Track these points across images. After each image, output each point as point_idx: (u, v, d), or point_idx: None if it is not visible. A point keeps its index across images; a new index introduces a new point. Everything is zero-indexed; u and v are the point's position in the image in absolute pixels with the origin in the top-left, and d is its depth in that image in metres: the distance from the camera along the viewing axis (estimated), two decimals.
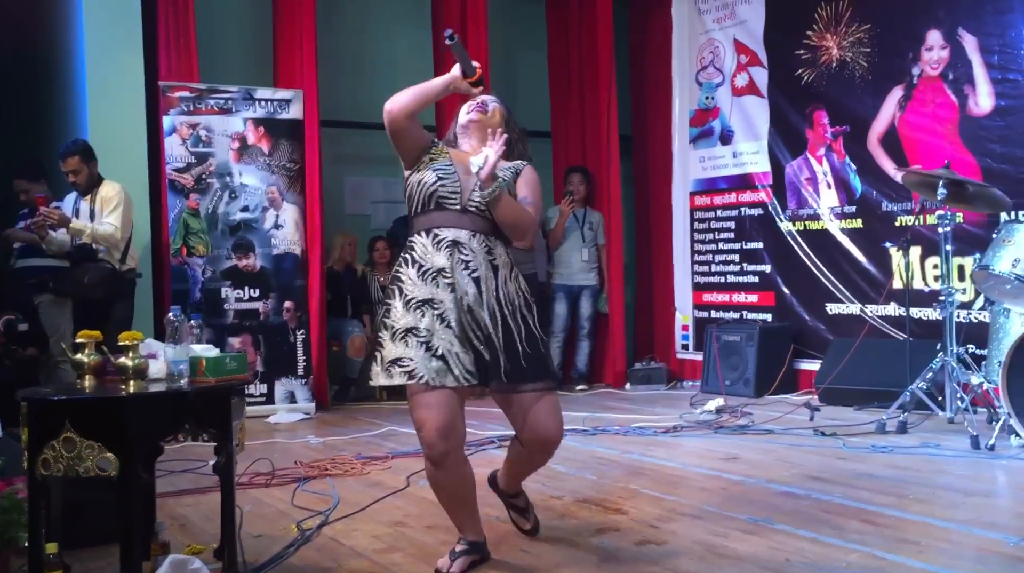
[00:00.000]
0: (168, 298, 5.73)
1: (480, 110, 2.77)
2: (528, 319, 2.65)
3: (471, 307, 2.56)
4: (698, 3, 7.29)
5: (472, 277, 2.57)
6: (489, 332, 2.57)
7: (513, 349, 2.59)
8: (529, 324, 2.65)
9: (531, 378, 2.62)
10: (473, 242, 2.61)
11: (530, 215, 2.68)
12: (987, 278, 4.42)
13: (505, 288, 2.63)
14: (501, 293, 2.61)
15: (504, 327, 2.59)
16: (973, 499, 3.40)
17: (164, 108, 5.86)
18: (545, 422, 2.67)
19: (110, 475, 2.29)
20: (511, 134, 2.73)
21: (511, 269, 2.67)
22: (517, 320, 2.62)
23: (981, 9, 5.41)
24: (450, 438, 2.53)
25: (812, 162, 6.47)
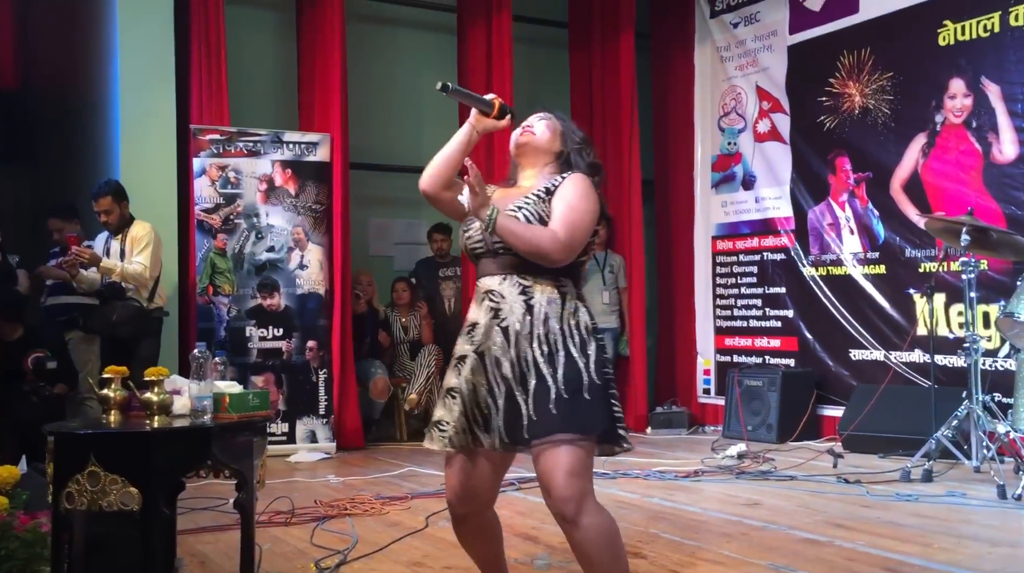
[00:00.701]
0: (194, 336, 5.79)
1: (527, 131, 2.47)
2: (575, 360, 2.25)
3: (498, 359, 2.29)
4: (720, 50, 7.37)
5: (500, 326, 2.30)
6: (511, 385, 2.26)
7: (543, 397, 2.22)
8: (575, 365, 2.25)
9: (551, 429, 2.20)
10: (504, 285, 2.32)
11: (543, 233, 2.26)
12: (1012, 325, 4.39)
13: (544, 327, 2.27)
14: (537, 332, 2.27)
15: (536, 372, 2.25)
16: (1000, 549, 3.35)
17: (195, 150, 5.99)
18: (547, 478, 2.21)
19: (133, 510, 2.32)
20: (566, 147, 2.45)
21: (561, 304, 2.30)
22: (556, 362, 2.25)
23: (1004, 58, 5.43)
24: (468, 503, 2.40)
25: (835, 208, 6.47)
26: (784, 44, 6.81)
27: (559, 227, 2.27)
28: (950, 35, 5.70)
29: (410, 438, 6.65)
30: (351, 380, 6.28)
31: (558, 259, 2.27)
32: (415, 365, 6.77)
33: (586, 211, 2.31)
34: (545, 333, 2.28)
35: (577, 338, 2.29)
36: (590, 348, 2.28)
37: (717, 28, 7.40)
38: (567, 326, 2.29)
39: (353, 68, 6.72)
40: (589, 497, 2.22)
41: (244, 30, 6.83)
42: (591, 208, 2.32)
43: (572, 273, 2.37)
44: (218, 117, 6.17)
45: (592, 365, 2.26)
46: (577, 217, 2.29)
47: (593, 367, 2.26)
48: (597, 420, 2.24)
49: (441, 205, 2.49)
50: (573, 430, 2.20)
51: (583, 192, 2.33)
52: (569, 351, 2.26)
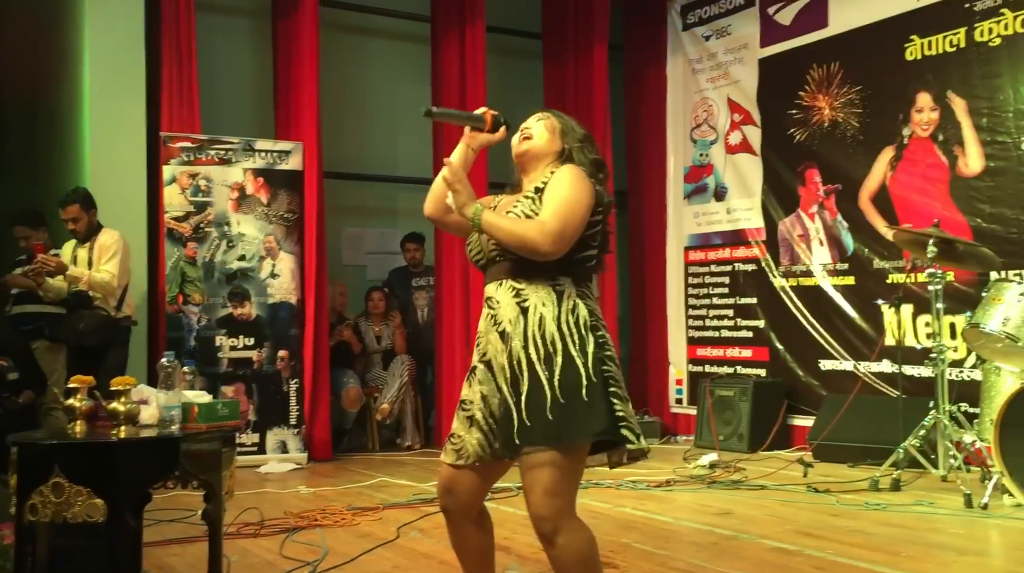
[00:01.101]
0: (163, 345, 5.73)
1: (525, 138, 2.39)
2: (574, 360, 2.16)
3: (502, 365, 2.23)
4: (692, 63, 7.44)
5: (498, 331, 2.24)
6: (505, 394, 2.21)
7: (537, 402, 2.15)
8: (574, 366, 2.16)
9: (542, 439, 2.13)
10: (500, 291, 2.27)
11: (530, 225, 2.19)
12: (978, 336, 4.45)
13: (540, 328, 2.19)
14: (532, 333, 2.19)
15: (531, 375, 2.17)
16: (966, 558, 3.39)
17: (165, 158, 5.93)
18: (527, 494, 2.16)
19: (97, 521, 2.28)
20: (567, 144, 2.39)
21: (558, 303, 2.21)
22: (553, 365, 2.16)
23: (969, 73, 5.52)
24: (453, 495, 2.33)
25: (805, 219, 6.54)
26: (755, 57, 6.89)
27: (547, 217, 2.18)
28: (917, 50, 5.80)
29: (382, 448, 6.62)
30: (323, 390, 6.24)
31: (548, 250, 2.17)
32: (388, 375, 6.74)
33: (576, 201, 2.20)
34: (541, 334, 2.20)
35: (576, 337, 2.19)
36: (589, 345, 2.19)
37: (689, 41, 7.47)
38: (565, 326, 2.20)
39: (328, 77, 6.71)
40: (566, 516, 2.17)
41: (219, 38, 6.79)
42: (581, 198, 2.21)
43: (572, 271, 2.26)
44: (189, 125, 6.12)
45: (591, 363, 2.17)
46: (566, 207, 2.19)
47: (592, 365, 2.17)
48: (593, 424, 2.14)
49: (448, 227, 2.46)
50: (563, 439, 2.13)
51: (572, 182, 2.23)
52: (568, 351, 2.18)
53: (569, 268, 2.25)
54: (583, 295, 2.27)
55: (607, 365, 2.20)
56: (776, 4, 6.73)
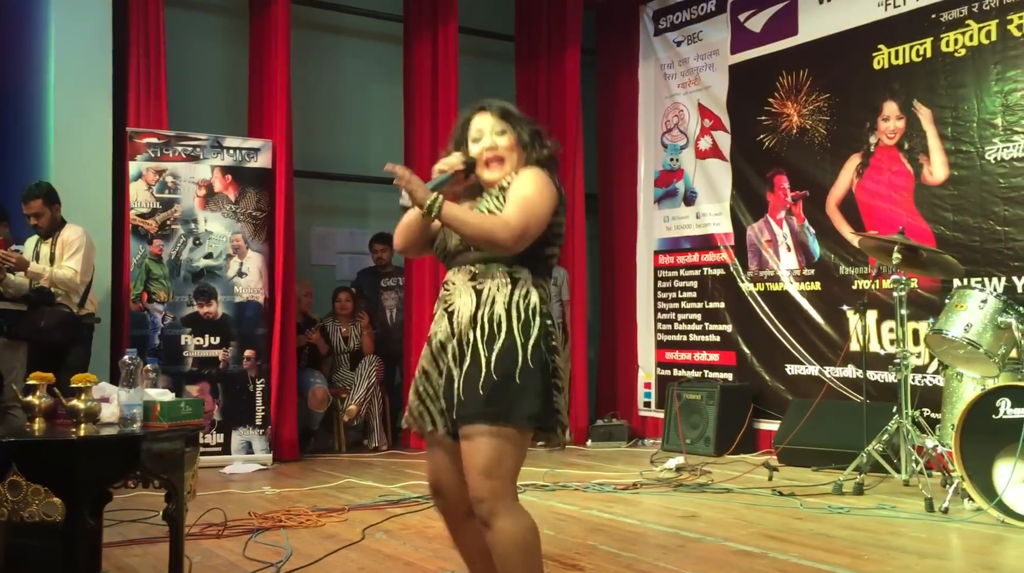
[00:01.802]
0: (126, 344, 5.63)
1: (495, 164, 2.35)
2: (515, 341, 2.18)
3: (443, 344, 2.28)
4: (664, 68, 7.48)
5: (447, 310, 2.29)
6: (451, 368, 2.24)
7: (473, 378, 2.17)
8: (513, 347, 2.17)
9: (475, 415, 2.15)
10: (457, 275, 2.31)
11: (493, 220, 2.21)
12: (941, 342, 4.51)
13: (489, 309, 2.22)
14: (481, 313, 2.22)
15: (473, 354, 2.19)
16: (927, 561, 3.43)
17: (131, 153, 5.86)
18: (466, 474, 2.18)
19: (55, 521, 2.24)
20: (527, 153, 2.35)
21: (511, 288, 2.24)
22: (494, 344, 2.18)
23: (935, 83, 5.61)
24: (440, 495, 2.36)
25: (773, 225, 6.60)
26: (726, 63, 6.94)
27: (510, 213, 2.21)
28: (884, 59, 5.87)
29: (349, 449, 6.58)
30: (290, 390, 6.19)
31: (510, 245, 2.20)
32: (355, 375, 6.70)
33: (540, 201, 2.24)
34: (489, 315, 2.21)
35: (522, 321, 2.21)
36: (533, 330, 2.20)
37: (661, 46, 7.51)
38: (514, 309, 2.22)
39: (299, 76, 6.66)
40: (503, 499, 2.16)
41: (190, 34, 6.73)
42: (544, 199, 2.25)
43: (530, 263, 2.28)
44: (156, 121, 6.05)
45: (531, 347, 2.18)
46: (529, 205, 2.22)
47: (531, 350, 2.18)
48: (525, 407, 2.15)
49: (422, 253, 2.48)
50: (496, 417, 2.14)
51: (536, 182, 2.27)
52: (511, 332, 2.19)
53: (528, 261, 2.28)
54: (540, 286, 2.29)
55: (552, 355, 2.22)
56: (747, 11, 6.79)
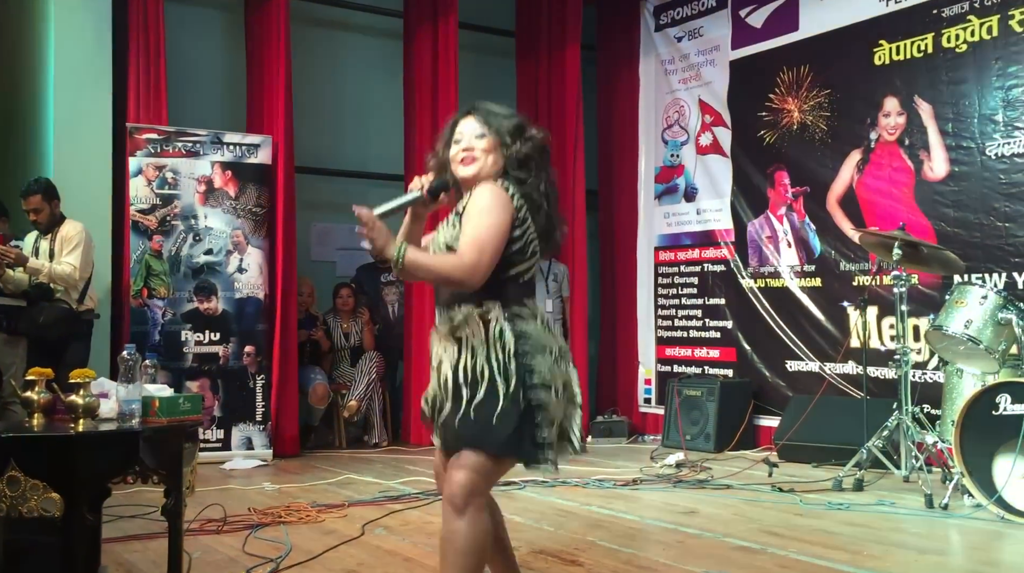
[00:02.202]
0: (126, 340, 5.63)
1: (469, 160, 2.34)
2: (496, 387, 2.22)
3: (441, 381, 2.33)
4: (665, 64, 7.47)
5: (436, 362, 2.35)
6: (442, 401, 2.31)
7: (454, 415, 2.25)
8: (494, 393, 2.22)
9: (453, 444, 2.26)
10: (440, 323, 2.34)
11: (447, 262, 2.23)
12: (941, 338, 4.51)
13: (472, 359, 2.26)
14: (463, 364, 2.27)
15: (455, 396, 2.26)
16: (927, 557, 3.42)
17: (131, 149, 5.85)
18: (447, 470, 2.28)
19: (54, 516, 2.24)
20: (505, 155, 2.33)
21: (485, 332, 2.25)
22: (477, 390, 2.23)
23: (936, 78, 5.60)
24: (441, 479, 2.42)
25: (773, 221, 6.59)
26: (726, 59, 6.93)
27: (463, 249, 2.21)
28: (885, 55, 5.86)
29: (349, 445, 6.58)
30: (290, 386, 6.19)
31: (469, 283, 2.21)
32: (356, 372, 6.70)
33: (489, 225, 2.21)
34: (472, 365, 2.24)
35: (501, 366, 2.23)
36: (512, 376, 2.22)
37: (662, 42, 7.50)
38: (493, 356, 2.24)
39: (299, 71, 6.65)
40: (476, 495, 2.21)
41: (190, 30, 6.71)
42: (496, 222, 2.22)
43: (499, 293, 2.27)
44: (156, 116, 6.05)
45: (511, 390, 2.21)
46: (480, 235, 2.20)
47: (512, 392, 2.21)
48: (504, 447, 2.20)
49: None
50: (470, 443, 2.21)
51: (485, 206, 2.23)
52: (493, 380, 2.22)
53: (495, 291, 2.26)
54: (512, 317, 2.27)
55: (535, 392, 2.22)
56: (747, 7, 6.78)
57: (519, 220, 2.27)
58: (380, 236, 2.20)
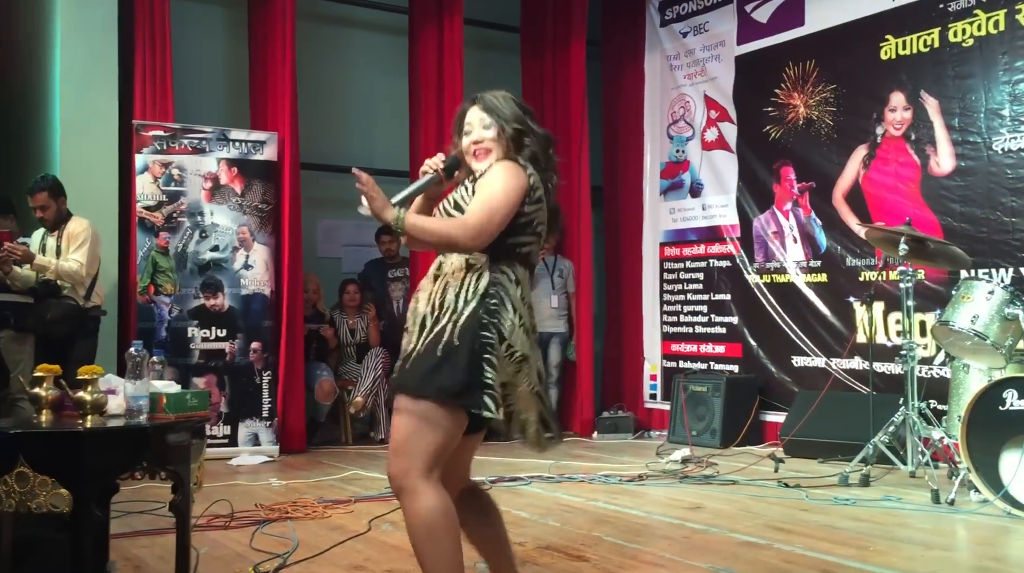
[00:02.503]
0: (133, 336, 5.66)
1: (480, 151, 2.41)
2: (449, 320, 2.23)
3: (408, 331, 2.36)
4: (670, 59, 7.45)
5: (416, 296, 2.38)
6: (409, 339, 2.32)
7: (408, 352, 2.27)
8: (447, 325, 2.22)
9: (398, 386, 2.26)
10: (431, 269, 2.38)
11: (451, 224, 2.28)
12: (947, 334, 4.50)
13: (441, 296, 2.29)
14: (434, 300, 2.29)
15: (418, 332, 2.27)
16: (933, 552, 3.42)
17: (137, 146, 5.87)
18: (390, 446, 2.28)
19: (63, 512, 2.25)
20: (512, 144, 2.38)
21: (464, 273, 2.28)
22: (435, 325, 2.25)
23: (942, 73, 5.58)
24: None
25: (779, 216, 6.58)
26: (732, 54, 6.92)
27: (470, 212, 2.26)
28: (892, 50, 5.84)
29: (355, 441, 6.59)
30: (297, 382, 6.20)
31: (468, 246, 2.25)
32: (362, 368, 6.71)
33: (501, 197, 2.26)
34: (441, 299, 2.28)
35: (462, 302, 2.25)
36: (468, 308, 2.23)
37: (667, 37, 7.48)
38: (462, 293, 2.26)
39: (304, 68, 6.65)
40: (413, 478, 2.18)
41: (194, 26, 6.72)
42: (508, 193, 2.26)
43: (491, 248, 2.28)
44: (162, 113, 6.06)
45: (460, 324, 2.21)
46: (490, 203, 2.25)
47: (460, 326, 2.21)
48: (442, 380, 2.17)
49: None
50: (413, 389, 2.20)
51: (501, 177, 2.29)
52: (452, 313, 2.24)
53: (489, 247, 2.29)
54: (497, 270, 2.29)
55: (488, 331, 2.22)
56: (753, 2, 6.76)
57: (532, 199, 2.32)
58: (378, 197, 2.26)
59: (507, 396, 2.28)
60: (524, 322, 2.30)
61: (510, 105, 2.43)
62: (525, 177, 2.32)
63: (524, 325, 2.30)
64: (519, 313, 2.29)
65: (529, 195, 2.32)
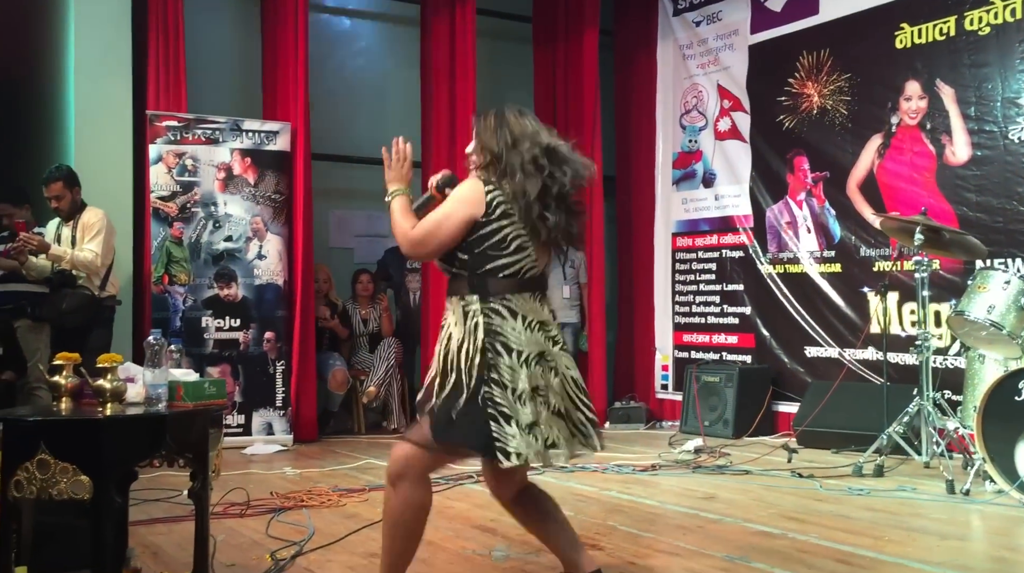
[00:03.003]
0: (148, 326, 5.68)
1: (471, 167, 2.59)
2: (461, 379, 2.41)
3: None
4: (683, 48, 7.42)
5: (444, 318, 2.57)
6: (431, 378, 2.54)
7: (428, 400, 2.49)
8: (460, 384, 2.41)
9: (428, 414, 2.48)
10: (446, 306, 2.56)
11: (402, 228, 2.49)
12: (963, 324, 4.48)
13: (444, 346, 2.49)
14: (440, 350, 2.51)
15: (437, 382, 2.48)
16: (948, 542, 3.42)
17: (151, 137, 5.88)
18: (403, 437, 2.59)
19: (83, 498, 2.27)
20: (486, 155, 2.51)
21: (463, 325, 2.45)
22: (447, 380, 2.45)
23: (958, 62, 5.54)
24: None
25: (792, 206, 6.56)
26: (745, 43, 6.88)
27: (419, 226, 2.48)
28: (907, 38, 5.80)
29: (368, 431, 6.62)
30: (310, 372, 6.23)
31: (408, 253, 2.53)
32: (374, 357, 6.73)
33: (445, 217, 2.43)
34: (445, 353, 2.47)
35: (467, 359, 2.41)
36: (474, 368, 2.39)
37: (680, 26, 7.45)
38: (465, 347, 2.42)
39: (317, 58, 6.66)
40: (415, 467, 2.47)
41: (207, 17, 6.72)
42: (453, 214, 2.42)
43: (479, 287, 2.44)
44: (176, 104, 6.07)
45: (473, 383, 2.38)
46: (435, 221, 2.45)
47: (473, 385, 2.38)
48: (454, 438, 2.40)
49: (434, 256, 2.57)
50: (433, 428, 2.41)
51: (453, 196, 2.47)
52: (459, 370, 2.41)
53: (476, 285, 2.45)
54: (489, 313, 2.42)
55: (489, 387, 2.37)
56: None
57: (494, 216, 2.41)
58: (399, 168, 2.58)
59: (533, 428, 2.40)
60: (527, 354, 2.41)
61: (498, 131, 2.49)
62: (480, 196, 2.42)
63: (527, 357, 2.41)
64: (519, 351, 2.40)
65: (488, 211, 2.41)
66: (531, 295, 2.47)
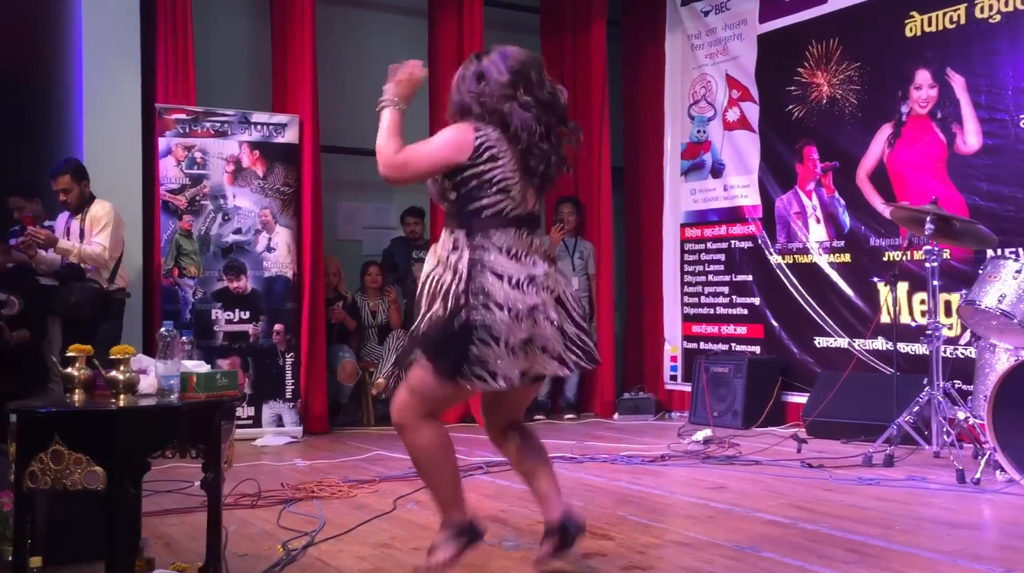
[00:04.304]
0: (158, 319, 5.70)
1: None
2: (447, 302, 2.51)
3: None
4: (691, 38, 7.40)
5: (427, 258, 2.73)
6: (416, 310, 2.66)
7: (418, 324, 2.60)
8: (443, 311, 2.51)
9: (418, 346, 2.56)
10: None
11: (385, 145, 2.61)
12: (973, 313, 4.46)
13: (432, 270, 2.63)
14: (428, 274, 2.64)
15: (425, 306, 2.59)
16: (958, 531, 3.41)
17: (160, 130, 5.90)
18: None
19: (97, 489, 2.28)
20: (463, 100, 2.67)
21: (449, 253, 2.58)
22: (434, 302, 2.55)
23: (969, 50, 5.51)
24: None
25: (802, 196, 6.54)
26: (754, 33, 6.85)
27: (403, 150, 2.57)
28: (917, 26, 5.77)
29: (377, 422, 6.63)
30: (319, 364, 6.25)
31: (382, 173, 2.60)
32: (383, 349, 6.74)
33: (428, 148, 2.59)
34: (435, 280, 2.57)
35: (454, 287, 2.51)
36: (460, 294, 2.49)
37: (688, 16, 7.42)
38: (450, 276, 2.54)
39: (325, 50, 6.65)
40: (411, 415, 2.57)
41: (215, 9, 6.73)
42: (434, 147, 2.58)
43: (465, 223, 2.57)
44: (184, 97, 6.08)
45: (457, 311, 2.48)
46: (417, 148, 2.58)
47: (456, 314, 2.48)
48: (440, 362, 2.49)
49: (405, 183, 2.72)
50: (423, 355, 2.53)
51: (441, 134, 2.61)
52: (445, 297, 2.52)
53: (463, 221, 2.59)
54: (475, 247, 2.54)
55: (477, 312, 2.47)
56: None
57: (480, 158, 2.54)
58: (404, 85, 2.66)
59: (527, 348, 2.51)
60: (516, 278, 2.52)
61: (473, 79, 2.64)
62: (465, 141, 2.54)
63: (517, 281, 2.51)
64: (507, 275, 2.52)
65: (474, 155, 2.53)
66: (516, 231, 2.58)
